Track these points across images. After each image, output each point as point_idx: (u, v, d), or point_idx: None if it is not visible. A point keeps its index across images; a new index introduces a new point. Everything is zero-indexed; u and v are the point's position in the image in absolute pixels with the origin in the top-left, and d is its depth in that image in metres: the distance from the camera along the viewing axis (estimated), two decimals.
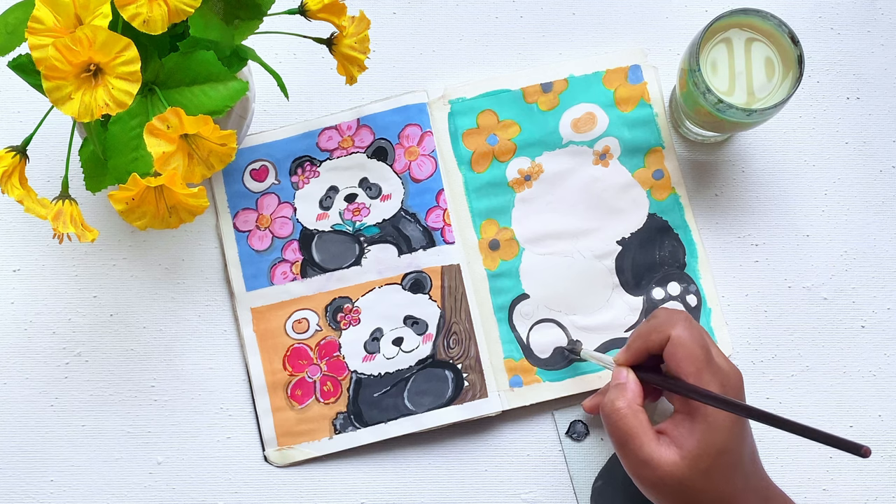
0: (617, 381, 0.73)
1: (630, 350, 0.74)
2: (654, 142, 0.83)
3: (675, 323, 0.71)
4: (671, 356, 0.71)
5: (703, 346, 0.70)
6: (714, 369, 0.70)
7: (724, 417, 0.69)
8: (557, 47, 0.85)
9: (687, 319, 0.72)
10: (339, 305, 0.81)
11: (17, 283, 0.81)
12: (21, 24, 0.65)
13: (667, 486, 0.69)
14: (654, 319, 0.73)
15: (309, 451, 0.80)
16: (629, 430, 0.70)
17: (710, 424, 0.69)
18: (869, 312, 0.82)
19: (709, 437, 0.68)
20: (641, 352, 0.73)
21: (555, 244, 0.82)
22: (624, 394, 0.72)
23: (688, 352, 0.70)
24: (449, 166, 0.83)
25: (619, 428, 0.71)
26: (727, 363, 0.72)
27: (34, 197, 0.66)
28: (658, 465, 0.69)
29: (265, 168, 0.82)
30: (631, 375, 0.73)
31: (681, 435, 0.69)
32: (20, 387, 0.81)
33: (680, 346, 0.70)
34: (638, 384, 0.73)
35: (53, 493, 0.80)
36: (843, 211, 0.83)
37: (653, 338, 0.72)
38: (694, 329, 0.71)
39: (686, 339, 0.70)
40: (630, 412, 0.71)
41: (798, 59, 0.74)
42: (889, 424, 0.81)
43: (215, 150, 0.63)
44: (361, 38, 0.72)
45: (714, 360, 0.71)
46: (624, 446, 0.71)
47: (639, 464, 0.70)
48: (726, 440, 0.69)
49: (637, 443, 0.70)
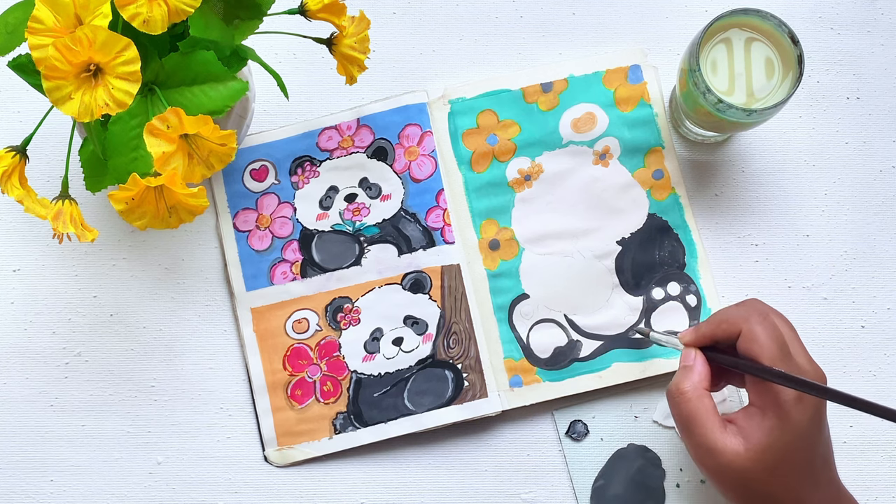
0: (685, 363, 0.71)
1: (698, 332, 0.72)
2: (654, 142, 0.83)
3: (748, 316, 0.69)
4: (744, 351, 0.69)
5: (778, 343, 0.68)
6: (791, 366, 0.67)
7: (800, 417, 0.66)
8: (557, 47, 0.85)
9: (762, 314, 0.69)
10: (339, 305, 0.81)
11: (17, 283, 0.81)
12: (21, 24, 0.65)
13: (728, 475, 0.67)
14: (730, 309, 0.71)
15: (309, 451, 0.80)
16: (694, 415, 0.68)
17: (781, 420, 0.66)
18: (869, 312, 0.82)
19: (778, 433, 0.66)
20: (708, 338, 0.71)
21: (555, 244, 0.82)
22: (690, 376, 0.70)
23: (760, 348, 0.68)
24: (449, 166, 0.83)
25: (683, 411, 0.69)
26: (809, 362, 0.69)
27: (34, 197, 0.66)
28: (721, 453, 0.67)
29: (265, 168, 0.82)
30: (699, 358, 0.71)
31: (749, 426, 0.67)
32: (20, 387, 0.81)
33: (752, 342, 0.68)
34: (706, 367, 0.70)
35: (53, 493, 0.80)
36: (843, 211, 0.83)
37: (722, 328, 0.70)
38: (768, 324, 0.68)
39: (759, 334, 0.68)
40: (695, 396, 0.69)
41: (798, 59, 0.74)
42: (889, 424, 0.81)
43: (215, 150, 0.63)
44: (361, 38, 0.72)
45: (792, 358, 0.68)
46: (688, 430, 0.69)
47: (701, 450, 0.68)
48: (797, 440, 0.66)
49: (701, 428, 0.68)
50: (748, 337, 0.68)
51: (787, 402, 0.67)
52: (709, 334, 0.71)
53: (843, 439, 0.80)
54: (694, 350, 0.71)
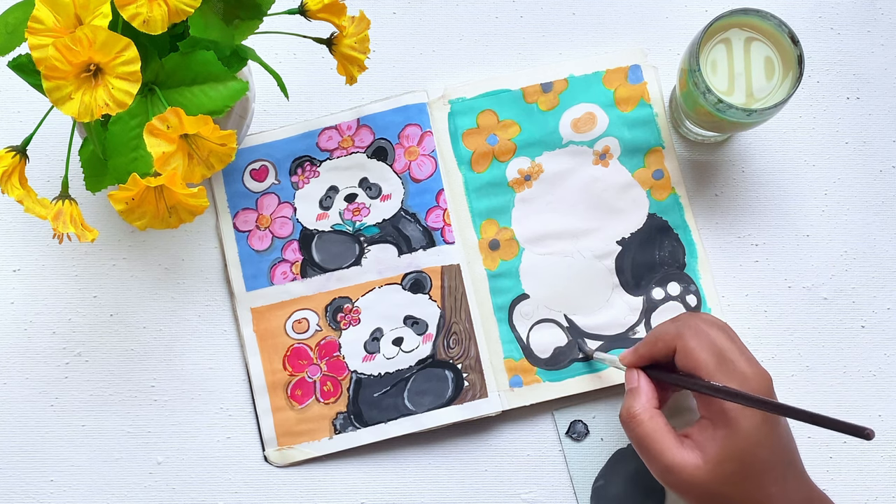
0: (629, 386, 0.72)
1: (637, 353, 0.73)
2: (654, 142, 0.83)
3: (681, 332, 0.70)
4: (682, 367, 0.70)
5: (714, 354, 0.69)
6: (729, 372, 0.68)
7: (749, 423, 0.67)
8: (557, 47, 0.85)
9: (694, 327, 0.70)
10: (339, 305, 0.81)
11: (17, 283, 0.81)
12: (21, 24, 0.65)
13: (693, 491, 0.68)
14: (664, 325, 0.72)
15: (309, 451, 0.80)
16: (648, 436, 0.69)
17: (732, 429, 0.67)
18: (869, 312, 0.82)
19: (731, 442, 0.67)
20: (646, 358, 0.73)
21: (555, 244, 0.82)
22: (638, 398, 0.71)
23: (696, 362, 0.69)
24: (449, 166, 0.83)
25: (637, 435, 0.70)
26: (750, 366, 0.69)
27: (34, 197, 0.66)
28: (681, 469, 0.67)
29: (265, 168, 0.82)
30: (643, 378, 0.72)
31: (704, 439, 0.68)
32: (20, 387, 0.81)
33: (688, 357, 0.69)
34: (651, 386, 0.72)
35: (53, 493, 0.80)
36: (843, 211, 0.83)
37: (658, 346, 0.71)
38: (702, 338, 0.69)
39: (693, 348, 0.69)
40: (647, 417, 0.70)
41: (798, 59, 0.74)
42: (889, 424, 0.81)
43: (215, 150, 0.63)
44: (361, 38, 0.72)
45: (731, 364, 0.68)
46: (646, 452, 0.70)
47: (662, 469, 0.68)
48: (752, 446, 0.67)
49: (657, 448, 0.68)
50: (683, 353, 0.69)
51: (733, 411, 0.67)
52: (647, 354, 0.72)
53: (843, 439, 0.80)
54: (636, 371, 0.73)
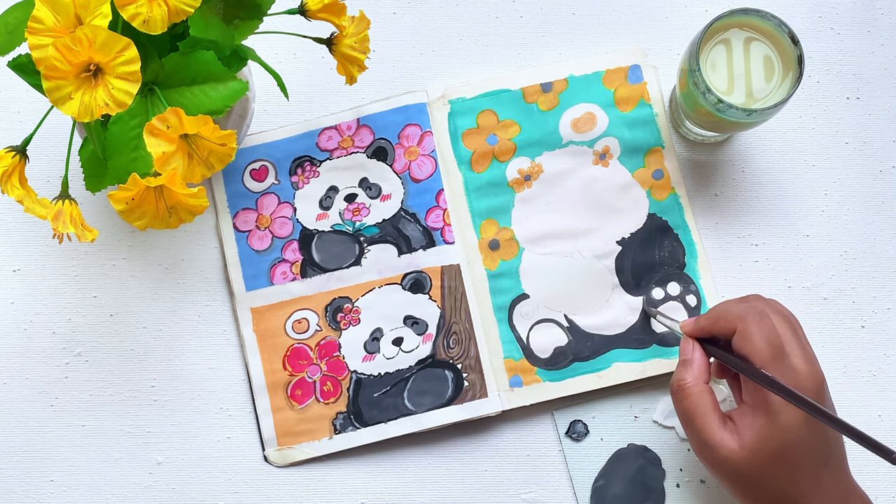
0: (683, 356, 0.72)
1: (697, 324, 0.73)
2: (654, 142, 0.83)
3: (745, 315, 0.70)
4: (738, 349, 0.69)
5: (772, 344, 0.68)
6: (783, 366, 0.68)
7: (789, 419, 0.67)
8: (557, 47, 0.85)
9: (759, 313, 0.69)
10: (339, 305, 0.81)
11: (17, 283, 0.81)
12: (21, 24, 0.65)
13: (725, 470, 0.69)
14: (730, 304, 0.72)
15: (309, 451, 0.80)
16: (694, 409, 0.70)
17: (771, 421, 0.67)
18: (869, 312, 0.82)
19: (768, 433, 0.67)
20: (706, 331, 0.72)
21: (555, 244, 0.82)
22: (690, 370, 0.71)
23: (752, 349, 0.68)
24: (449, 166, 0.83)
25: (684, 407, 0.70)
26: (806, 364, 0.68)
27: (34, 197, 0.66)
28: (718, 448, 0.68)
29: (265, 168, 0.83)
30: (697, 350, 0.72)
31: (742, 425, 0.68)
32: (20, 387, 0.81)
33: (745, 342, 0.69)
34: (704, 360, 0.72)
35: (53, 493, 0.80)
36: (843, 211, 0.83)
37: (720, 324, 0.71)
38: (764, 324, 0.69)
39: (753, 334, 0.69)
40: (696, 391, 0.70)
41: (798, 59, 0.74)
42: (889, 424, 0.81)
43: (215, 150, 0.63)
44: (361, 38, 0.72)
45: (787, 358, 0.68)
46: (689, 424, 0.70)
47: (700, 444, 0.70)
48: (789, 440, 0.67)
49: (699, 423, 0.69)
50: (742, 336, 0.69)
51: (776, 404, 0.67)
52: (707, 328, 0.72)
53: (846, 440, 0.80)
54: (692, 342, 0.73)
